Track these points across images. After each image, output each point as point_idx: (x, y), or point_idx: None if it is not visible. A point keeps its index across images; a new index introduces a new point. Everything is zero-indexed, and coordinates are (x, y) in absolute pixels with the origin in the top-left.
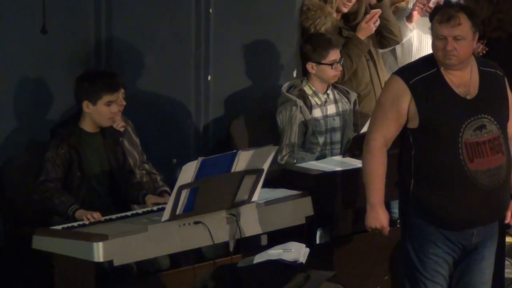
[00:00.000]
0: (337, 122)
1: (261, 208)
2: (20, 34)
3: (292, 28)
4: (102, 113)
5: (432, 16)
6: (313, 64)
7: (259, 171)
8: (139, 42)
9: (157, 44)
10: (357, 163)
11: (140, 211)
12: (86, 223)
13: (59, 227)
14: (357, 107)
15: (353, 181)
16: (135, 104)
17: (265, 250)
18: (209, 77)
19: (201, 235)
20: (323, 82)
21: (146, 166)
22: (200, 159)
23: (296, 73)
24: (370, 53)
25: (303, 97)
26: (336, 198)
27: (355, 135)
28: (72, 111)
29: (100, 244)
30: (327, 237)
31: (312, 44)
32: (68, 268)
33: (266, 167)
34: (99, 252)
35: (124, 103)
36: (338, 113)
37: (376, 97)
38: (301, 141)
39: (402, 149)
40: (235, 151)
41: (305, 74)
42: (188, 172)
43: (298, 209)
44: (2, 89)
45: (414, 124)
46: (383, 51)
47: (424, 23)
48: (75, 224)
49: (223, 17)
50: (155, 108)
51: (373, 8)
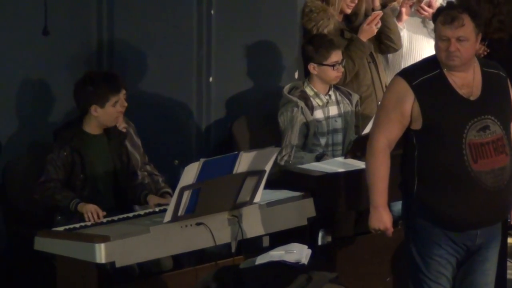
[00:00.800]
0: (339, 124)
1: (263, 210)
2: (22, 36)
3: (294, 29)
4: (110, 114)
5: (435, 17)
6: (315, 65)
7: (261, 173)
8: (140, 43)
9: (159, 45)
10: (358, 164)
11: (142, 212)
12: (88, 224)
13: (61, 229)
14: (358, 108)
15: (355, 182)
16: (137, 106)
17: (267, 251)
18: (210, 79)
19: (203, 237)
20: (324, 83)
21: (148, 167)
22: (202, 160)
23: (298, 74)
24: (372, 55)
25: (305, 98)
26: (338, 200)
27: (356, 136)
28: (74, 112)
29: (102, 246)
30: (329, 238)
31: (314, 45)
32: (70, 269)
33: (268, 168)
34: (101, 254)
35: (126, 104)
36: (340, 115)
37: (377, 99)
38: (302, 142)
39: (405, 150)
40: (237, 152)
41: (307, 75)
42: (190, 174)
43: (300, 210)
44: (4, 91)
45: (417, 125)
46: None
47: (414, 23)
48: (77, 225)
49: (224, 19)
50: (157, 109)
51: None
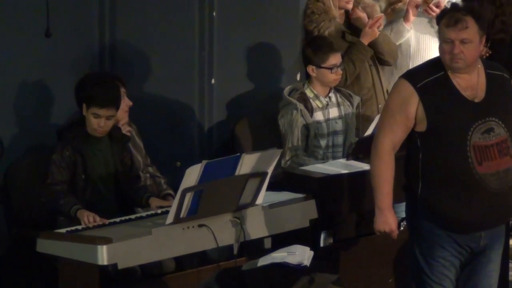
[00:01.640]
0: (339, 126)
1: (265, 211)
2: (24, 37)
3: (295, 31)
4: (90, 121)
5: (439, 19)
6: (313, 67)
7: (263, 174)
8: (142, 45)
9: (161, 47)
10: (361, 166)
11: (144, 214)
12: (90, 226)
13: (63, 231)
14: (359, 110)
15: (357, 184)
16: (139, 108)
17: (269, 253)
18: (213, 81)
19: (205, 238)
20: (324, 86)
21: (150, 169)
22: (204, 162)
23: (300, 76)
24: (373, 58)
25: (304, 100)
26: (340, 201)
27: (357, 138)
28: (76, 114)
29: (104, 247)
30: (331, 240)
31: (313, 47)
32: (72, 271)
33: (270, 170)
34: (103, 255)
35: (130, 103)
36: (340, 117)
37: (378, 101)
38: (304, 144)
39: (409, 152)
40: (239, 154)
41: (308, 77)
42: (192, 175)
43: (302, 212)
44: (7, 93)
45: (421, 127)
46: None
47: (421, 23)
48: (79, 227)
49: (226, 21)
50: (159, 111)
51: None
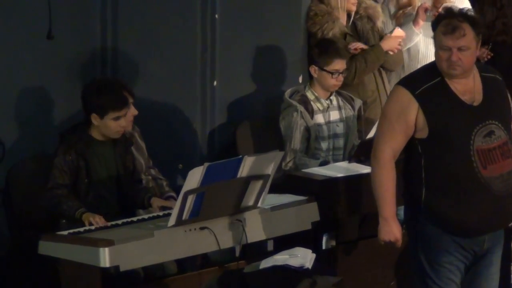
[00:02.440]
0: (340, 129)
1: (267, 214)
2: (26, 40)
3: (298, 33)
4: (110, 127)
5: (435, 25)
6: (316, 68)
7: (265, 177)
8: (145, 47)
9: (163, 49)
10: (362, 168)
11: (146, 216)
12: (92, 228)
13: (65, 233)
14: (362, 113)
15: (359, 186)
16: (141, 110)
17: (271, 255)
18: (215, 83)
19: (207, 241)
20: (323, 89)
21: (152, 171)
22: (206, 164)
23: (302, 78)
24: None
25: (305, 102)
26: (342, 204)
27: (360, 141)
28: (78, 118)
29: (106, 250)
30: (333, 242)
31: (319, 48)
32: (75, 273)
33: (272, 172)
34: (105, 258)
35: (136, 112)
36: (341, 119)
37: (382, 104)
38: (304, 147)
39: (409, 159)
40: (241, 156)
41: (311, 78)
42: (194, 178)
43: (304, 214)
44: (8, 95)
45: (422, 134)
46: None
47: (430, 28)
48: (81, 229)
49: (229, 23)
50: (161, 113)
51: None
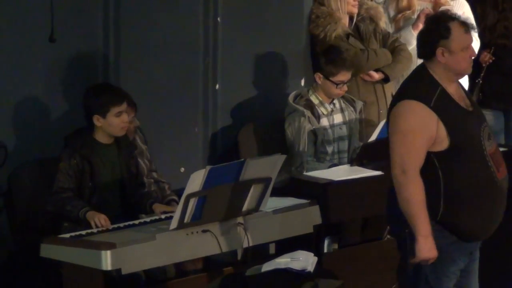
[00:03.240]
0: (344, 131)
1: (269, 217)
2: (29, 43)
3: (300, 36)
4: (114, 124)
5: (446, 29)
6: (321, 76)
7: (267, 180)
8: (147, 50)
9: (165, 53)
10: (364, 172)
11: (148, 219)
12: (94, 231)
13: (67, 236)
14: (362, 115)
15: (361, 190)
16: (143, 113)
17: (273, 258)
18: (217, 86)
19: (209, 244)
20: (326, 95)
21: (154, 174)
22: (208, 167)
23: (304, 81)
24: None
25: (310, 107)
26: (344, 207)
27: (361, 144)
28: (81, 121)
29: (108, 253)
30: (335, 246)
31: (327, 58)
32: (76, 276)
33: (274, 175)
34: (107, 261)
35: (138, 123)
36: (344, 122)
37: (379, 106)
38: (312, 151)
39: (423, 176)
40: (243, 159)
41: (314, 80)
42: (196, 181)
43: (306, 217)
44: (10, 98)
45: (441, 146)
46: None
47: None
48: (83, 232)
49: (231, 26)
50: (163, 116)
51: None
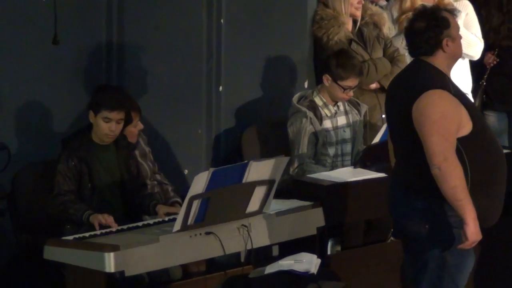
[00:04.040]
0: (347, 134)
1: (272, 219)
2: (32, 45)
3: (304, 38)
4: (100, 126)
5: (445, 20)
6: (329, 78)
7: (270, 182)
8: (150, 53)
9: (169, 55)
10: (368, 174)
11: (151, 221)
12: (98, 233)
13: (70, 238)
14: (367, 118)
15: (364, 192)
16: (147, 115)
17: (276, 260)
18: (220, 88)
19: (212, 246)
20: (331, 97)
21: (158, 176)
22: (212, 169)
23: (308, 83)
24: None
25: (313, 108)
26: (347, 209)
27: (365, 146)
28: (83, 122)
29: (112, 255)
30: (338, 248)
31: (337, 61)
32: (80, 278)
33: (277, 177)
34: (110, 263)
35: (142, 127)
36: (348, 125)
37: (381, 109)
38: (312, 153)
39: None
40: (246, 161)
41: (318, 83)
42: (200, 183)
43: (309, 220)
44: (14, 100)
45: (464, 132)
46: None
47: None
48: (87, 234)
49: (234, 28)
50: (167, 118)
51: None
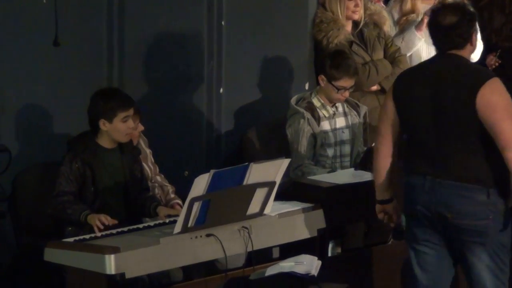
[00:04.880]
0: (346, 135)
1: (273, 221)
2: (33, 47)
3: (304, 40)
4: (120, 129)
5: (473, 14)
6: (324, 78)
7: (271, 184)
8: (151, 55)
9: (170, 57)
10: (368, 176)
11: (152, 223)
12: (98, 235)
13: (71, 240)
14: (367, 120)
15: (365, 194)
16: (147, 117)
17: (277, 262)
18: (221, 90)
19: (213, 248)
20: (328, 98)
21: (158, 178)
22: (212, 171)
23: (308, 85)
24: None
25: (311, 109)
26: (348, 211)
27: (365, 148)
28: (84, 124)
29: (112, 257)
30: (339, 250)
31: (332, 61)
32: (80, 280)
33: (278, 179)
34: (111, 265)
35: (142, 128)
36: (347, 126)
37: None
38: (311, 154)
39: (489, 150)
40: (247, 163)
41: (318, 84)
42: (200, 185)
43: (310, 221)
44: (14, 102)
45: None
46: None
47: None
48: (87, 236)
49: (235, 30)
50: (167, 120)
51: None
